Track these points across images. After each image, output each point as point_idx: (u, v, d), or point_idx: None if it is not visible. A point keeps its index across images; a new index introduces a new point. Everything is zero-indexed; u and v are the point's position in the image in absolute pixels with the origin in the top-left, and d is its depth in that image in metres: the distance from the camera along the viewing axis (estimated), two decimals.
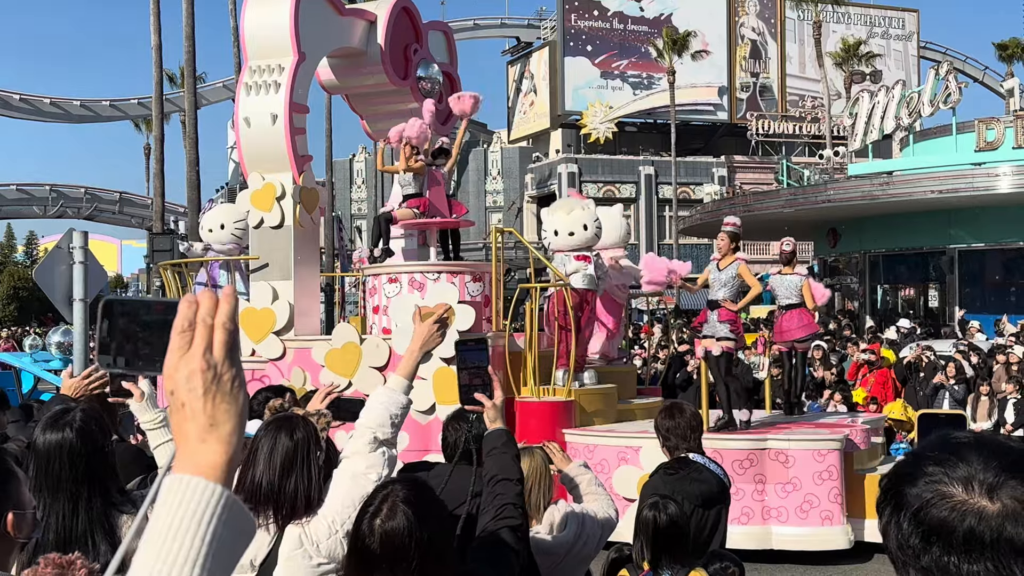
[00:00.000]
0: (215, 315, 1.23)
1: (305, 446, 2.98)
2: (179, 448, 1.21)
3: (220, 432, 1.20)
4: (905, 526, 1.24)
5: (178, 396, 1.21)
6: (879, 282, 34.38)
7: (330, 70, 12.77)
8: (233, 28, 33.88)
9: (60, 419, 2.94)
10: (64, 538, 2.80)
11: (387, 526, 2.42)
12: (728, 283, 10.41)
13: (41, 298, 28.98)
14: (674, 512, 4.17)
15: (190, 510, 1.15)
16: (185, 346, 1.21)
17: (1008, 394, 13.75)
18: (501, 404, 3.24)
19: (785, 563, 9.56)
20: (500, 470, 3.07)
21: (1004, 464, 1.22)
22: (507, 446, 3.14)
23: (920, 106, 31.92)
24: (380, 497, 2.51)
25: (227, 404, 1.21)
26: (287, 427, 3.03)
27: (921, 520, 1.22)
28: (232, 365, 1.22)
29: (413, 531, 2.41)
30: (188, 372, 1.20)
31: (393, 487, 2.55)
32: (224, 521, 1.17)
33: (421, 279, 11.18)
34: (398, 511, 2.44)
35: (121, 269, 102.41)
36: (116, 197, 55.63)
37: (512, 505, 3.00)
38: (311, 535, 2.86)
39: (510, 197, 53.10)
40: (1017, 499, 1.19)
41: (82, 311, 8.78)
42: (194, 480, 1.17)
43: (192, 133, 29.23)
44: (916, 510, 1.23)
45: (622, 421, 11.27)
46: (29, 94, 55.27)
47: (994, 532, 1.18)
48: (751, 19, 57.96)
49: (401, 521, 2.42)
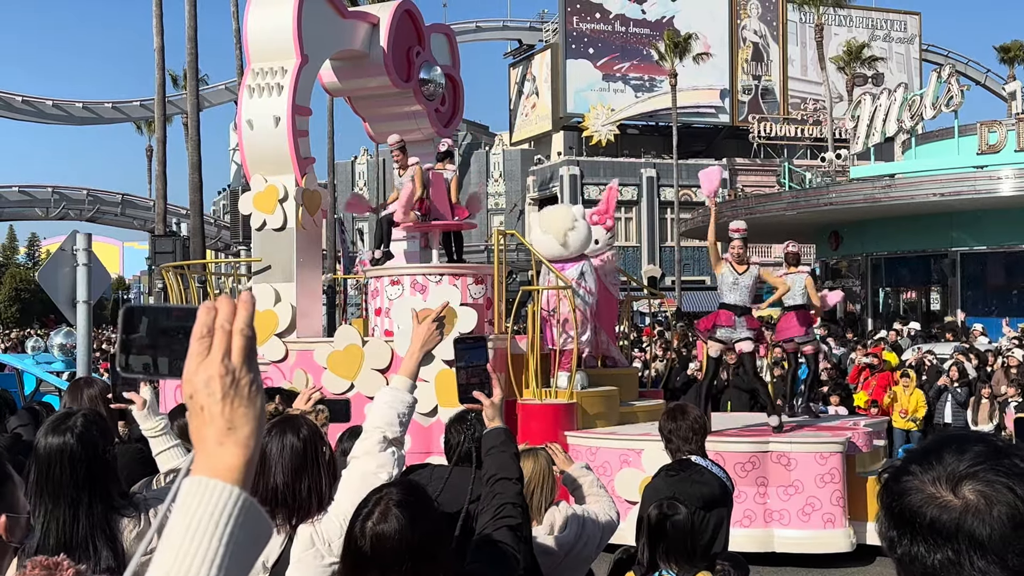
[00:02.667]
0: (233, 321, 1.26)
1: (313, 444, 3.02)
2: (198, 451, 1.23)
3: (238, 436, 1.23)
4: (884, 518, 1.34)
5: (197, 400, 1.24)
6: (881, 285, 34.36)
7: (333, 72, 12.77)
8: (236, 30, 33.93)
9: (62, 424, 2.94)
10: (65, 543, 2.80)
11: (378, 529, 2.43)
12: (750, 287, 10.47)
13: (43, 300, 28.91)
14: (682, 514, 4.18)
15: (208, 511, 1.18)
16: (204, 352, 1.24)
17: (1009, 397, 13.75)
18: (500, 403, 3.24)
19: (787, 566, 9.55)
20: (499, 469, 3.07)
21: (973, 460, 1.29)
22: (506, 444, 3.13)
23: (922, 109, 31.90)
24: (373, 500, 2.51)
25: (245, 408, 1.24)
26: (292, 427, 3.05)
27: (894, 512, 1.32)
28: (250, 370, 1.25)
29: (405, 534, 2.41)
30: (207, 377, 1.23)
31: (388, 490, 2.55)
32: (241, 523, 1.19)
33: (423, 281, 11.18)
34: (390, 514, 2.44)
35: (123, 271, 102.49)
36: (118, 199, 55.58)
37: (512, 504, 2.99)
38: (323, 534, 2.87)
39: (512, 199, 53.12)
40: (980, 492, 1.26)
41: (85, 313, 8.78)
42: (212, 482, 1.20)
43: (194, 135, 29.26)
44: (891, 503, 1.33)
45: (624, 423, 11.27)
46: (31, 96, 55.29)
47: (954, 523, 1.26)
48: (753, 21, 57.96)
49: (393, 524, 2.42)
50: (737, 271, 10.43)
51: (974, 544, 1.25)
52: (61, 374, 13.28)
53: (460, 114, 14.20)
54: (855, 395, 15.23)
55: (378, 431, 3.07)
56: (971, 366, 15.29)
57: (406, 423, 3.14)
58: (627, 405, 11.84)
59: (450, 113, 13.88)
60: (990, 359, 16.03)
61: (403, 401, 3.14)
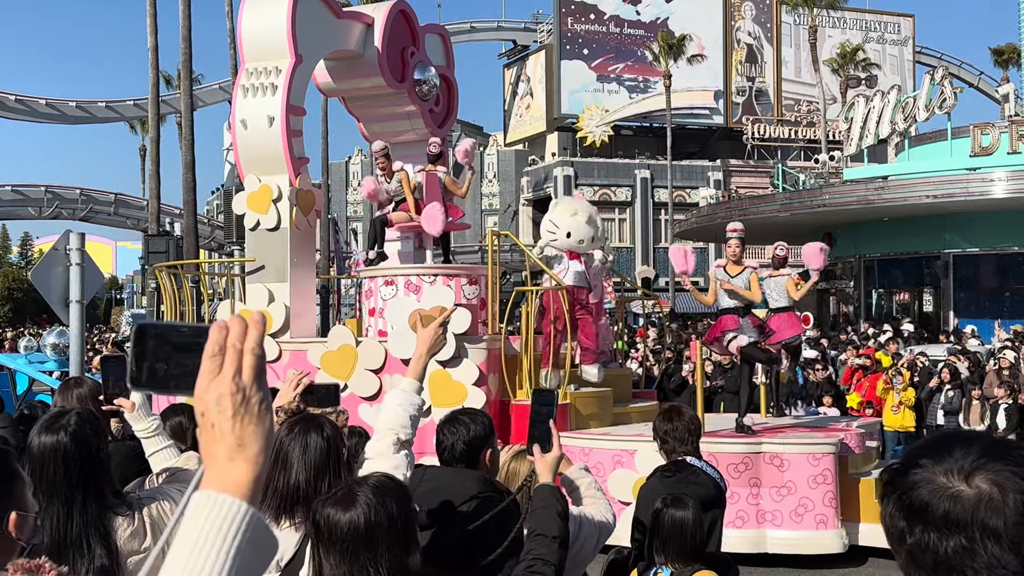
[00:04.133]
0: (245, 340, 1.29)
1: (336, 443, 3.06)
2: (207, 466, 1.27)
3: (247, 452, 1.26)
4: (893, 509, 1.38)
5: (208, 417, 1.27)
6: (874, 286, 34.43)
7: (327, 72, 12.77)
8: (230, 30, 33.86)
9: (55, 423, 2.94)
10: (59, 541, 2.80)
11: (343, 514, 2.46)
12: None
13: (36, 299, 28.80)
14: (690, 510, 4.22)
15: (215, 525, 1.21)
16: (216, 369, 1.27)
17: (1000, 399, 13.77)
18: (554, 460, 3.36)
19: (780, 567, 9.57)
20: (539, 526, 3.19)
21: (981, 452, 1.35)
22: (550, 503, 3.25)
23: (915, 111, 31.95)
24: (344, 486, 2.56)
25: (254, 426, 1.27)
26: (315, 426, 3.09)
27: (905, 504, 1.36)
28: (260, 389, 1.29)
29: (369, 519, 2.44)
30: (218, 395, 1.26)
31: (360, 479, 2.61)
32: (248, 538, 1.22)
33: (417, 282, 11.18)
34: (357, 500, 2.46)
35: (116, 271, 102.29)
36: (112, 198, 55.46)
37: (542, 561, 3.12)
38: None
39: (506, 200, 53.10)
40: (993, 482, 1.31)
41: (78, 313, 8.76)
42: (220, 497, 1.23)
43: (188, 135, 29.21)
44: (902, 495, 1.37)
45: (618, 424, 11.28)
46: (25, 95, 55.11)
47: (968, 512, 1.31)
48: (747, 23, 58.03)
49: (358, 510, 2.45)
50: (730, 273, 10.45)
51: (988, 532, 1.29)
52: (53, 374, 13.23)
53: (454, 115, 14.20)
54: (848, 396, 15.26)
55: (392, 433, 3.16)
56: (963, 367, 15.33)
57: (416, 425, 3.23)
58: (621, 406, 11.85)
59: (444, 113, 13.88)
60: (982, 361, 16.08)
61: (413, 403, 3.24)
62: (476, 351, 10.69)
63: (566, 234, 11.21)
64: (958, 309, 30.20)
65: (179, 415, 4.70)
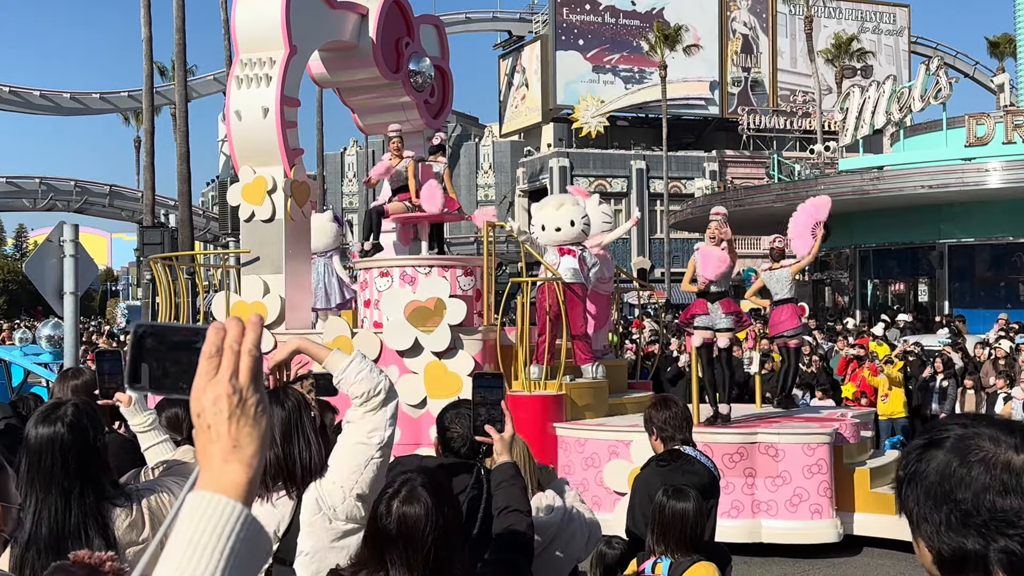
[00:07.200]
0: (242, 342, 1.29)
1: (297, 412, 3.06)
2: (203, 467, 1.27)
3: (243, 454, 1.26)
4: (933, 477, 1.43)
5: (204, 418, 1.27)
6: (869, 277, 34.46)
7: (321, 63, 12.75)
8: (224, 21, 33.79)
9: (52, 413, 2.94)
10: (57, 532, 2.81)
11: (405, 508, 2.52)
12: (728, 274, 10.44)
13: (31, 291, 28.72)
14: (691, 501, 4.25)
15: (210, 525, 1.21)
16: (213, 371, 1.27)
17: (999, 389, 13.72)
18: (510, 439, 3.34)
19: (775, 556, 9.60)
20: (509, 502, 3.20)
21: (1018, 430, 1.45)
22: (515, 479, 3.26)
23: (911, 101, 31.96)
24: (400, 481, 2.60)
25: (250, 428, 1.27)
26: (275, 399, 3.08)
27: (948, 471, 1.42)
28: (256, 391, 1.29)
29: (430, 515, 2.51)
30: (215, 396, 1.27)
31: (412, 474, 2.65)
32: (243, 538, 1.23)
33: (412, 273, 11.19)
34: (417, 495, 2.53)
35: (111, 262, 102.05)
36: (106, 190, 55.29)
37: (522, 534, 3.14)
38: (326, 499, 2.93)
39: (501, 191, 53.08)
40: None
41: (72, 304, 8.76)
42: (216, 497, 1.23)
43: (182, 126, 29.15)
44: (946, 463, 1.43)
45: (613, 415, 11.30)
46: (19, 86, 54.94)
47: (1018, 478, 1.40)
48: (743, 14, 57.97)
49: (419, 505, 2.52)
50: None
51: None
52: (48, 365, 13.22)
53: (449, 105, 14.19)
54: (843, 387, 15.29)
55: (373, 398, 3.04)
56: (958, 357, 15.35)
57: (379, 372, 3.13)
58: (616, 397, 11.87)
59: (439, 104, 13.88)
60: (978, 350, 16.09)
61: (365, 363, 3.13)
62: (471, 342, 10.70)
63: (541, 227, 11.24)
64: (953, 299, 30.23)
65: (175, 406, 4.70)
